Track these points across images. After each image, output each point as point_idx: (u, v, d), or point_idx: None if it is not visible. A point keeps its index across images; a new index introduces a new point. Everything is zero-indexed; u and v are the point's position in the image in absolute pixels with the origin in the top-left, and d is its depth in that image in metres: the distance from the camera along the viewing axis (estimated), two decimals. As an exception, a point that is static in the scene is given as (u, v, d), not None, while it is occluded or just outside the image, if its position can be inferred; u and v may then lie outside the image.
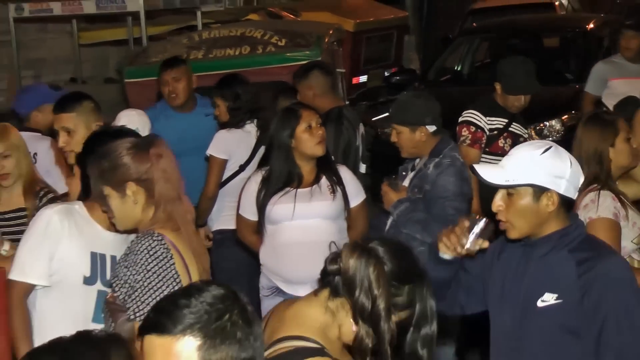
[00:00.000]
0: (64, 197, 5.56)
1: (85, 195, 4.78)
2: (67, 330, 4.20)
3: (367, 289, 3.25)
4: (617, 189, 5.02)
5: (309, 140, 5.90)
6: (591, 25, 13.32)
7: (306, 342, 3.30)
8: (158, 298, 4.20)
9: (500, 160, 7.01)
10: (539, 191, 3.80)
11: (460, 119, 7.30)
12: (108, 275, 4.63)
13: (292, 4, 15.64)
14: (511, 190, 3.83)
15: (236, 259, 6.90)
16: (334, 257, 3.34)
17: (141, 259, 4.26)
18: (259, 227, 6.04)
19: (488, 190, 6.03)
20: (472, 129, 7.21)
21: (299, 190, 5.93)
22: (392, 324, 3.28)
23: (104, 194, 4.38)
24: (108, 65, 14.89)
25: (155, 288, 4.26)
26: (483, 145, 7.22)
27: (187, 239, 4.43)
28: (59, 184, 6.31)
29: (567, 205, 3.87)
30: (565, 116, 10.47)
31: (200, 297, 2.52)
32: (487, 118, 7.25)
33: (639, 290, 3.84)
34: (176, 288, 4.21)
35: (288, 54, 9.92)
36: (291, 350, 3.27)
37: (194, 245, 4.48)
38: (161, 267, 4.27)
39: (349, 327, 3.31)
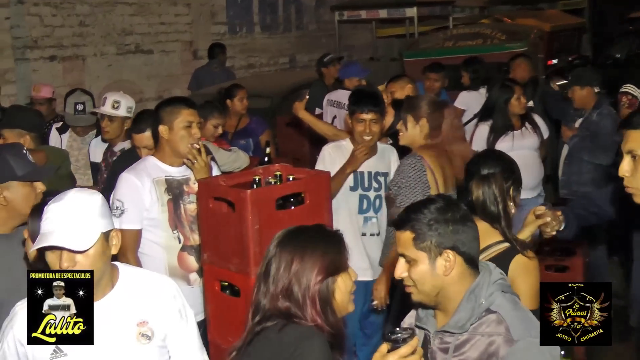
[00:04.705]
0: None
1: None
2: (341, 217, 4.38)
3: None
4: None
5: (518, 106, 5.75)
6: None
7: (507, 242, 3.02)
8: (414, 194, 4.16)
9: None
10: None
11: (620, 90, 6.66)
12: (365, 184, 4.56)
13: (510, 13, 14.92)
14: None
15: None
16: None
17: (406, 169, 4.21)
18: None
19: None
20: (630, 97, 6.61)
21: (514, 132, 5.75)
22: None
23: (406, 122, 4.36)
24: (393, 50, 14.69)
25: (413, 187, 4.19)
26: (636, 108, 6.67)
27: (441, 164, 4.30)
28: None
29: None
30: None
31: (426, 208, 2.35)
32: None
33: None
34: (426, 190, 4.15)
35: (507, 45, 9.54)
36: (508, 248, 2.99)
37: (446, 169, 4.32)
38: (418, 175, 4.20)
39: None
